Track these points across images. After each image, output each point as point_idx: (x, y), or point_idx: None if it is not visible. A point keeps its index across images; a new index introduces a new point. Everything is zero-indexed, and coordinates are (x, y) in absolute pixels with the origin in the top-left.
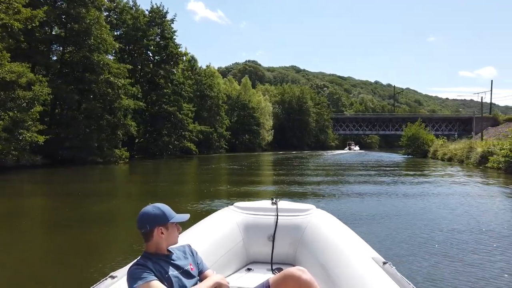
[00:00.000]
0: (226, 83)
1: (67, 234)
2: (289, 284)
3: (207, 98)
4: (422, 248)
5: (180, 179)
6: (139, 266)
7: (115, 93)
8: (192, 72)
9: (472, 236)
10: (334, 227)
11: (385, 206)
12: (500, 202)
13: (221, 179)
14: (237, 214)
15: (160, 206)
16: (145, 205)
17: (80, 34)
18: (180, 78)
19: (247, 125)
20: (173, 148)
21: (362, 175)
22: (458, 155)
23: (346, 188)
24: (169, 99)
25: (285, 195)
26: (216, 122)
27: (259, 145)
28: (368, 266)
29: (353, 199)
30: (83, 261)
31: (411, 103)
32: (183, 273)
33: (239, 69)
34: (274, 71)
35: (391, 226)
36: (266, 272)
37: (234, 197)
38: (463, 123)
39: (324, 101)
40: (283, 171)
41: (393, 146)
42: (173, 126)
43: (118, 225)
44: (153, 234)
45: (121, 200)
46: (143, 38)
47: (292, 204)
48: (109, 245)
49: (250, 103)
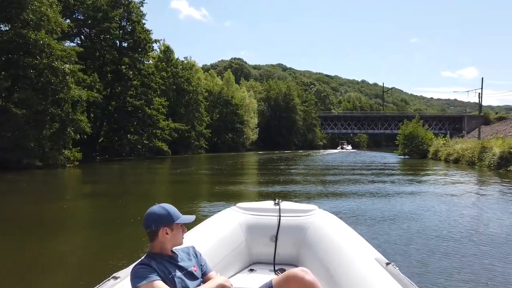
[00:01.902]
0: (207, 78)
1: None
2: (292, 285)
3: (184, 92)
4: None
5: (136, 188)
6: (143, 265)
7: (61, 81)
8: (168, 64)
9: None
10: (337, 227)
11: (389, 209)
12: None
13: (187, 188)
14: (240, 214)
15: (166, 206)
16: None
17: (12, 6)
18: (150, 68)
19: (230, 123)
20: (142, 148)
21: (362, 178)
22: (467, 156)
23: (349, 190)
24: (136, 92)
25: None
26: (194, 120)
27: (243, 145)
28: (371, 267)
29: (355, 201)
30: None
31: (398, 102)
32: (187, 275)
33: (225, 66)
34: (260, 69)
35: (399, 228)
36: (268, 273)
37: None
38: (453, 121)
39: (312, 99)
40: (269, 176)
41: (381, 146)
42: (141, 122)
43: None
44: (158, 234)
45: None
46: (104, 20)
47: (295, 205)
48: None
49: (233, 99)
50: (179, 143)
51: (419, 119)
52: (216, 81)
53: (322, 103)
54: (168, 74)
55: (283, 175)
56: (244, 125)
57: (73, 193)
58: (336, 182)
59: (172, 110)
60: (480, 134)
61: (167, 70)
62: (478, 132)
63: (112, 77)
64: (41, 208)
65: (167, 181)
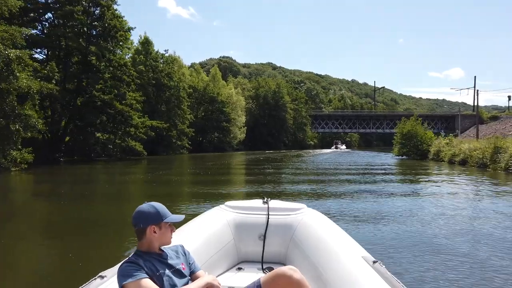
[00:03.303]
0: (192, 74)
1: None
2: (280, 283)
3: (165, 88)
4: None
5: (90, 198)
6: (130, 263)
7: (5, 69)
8: (146, 57)
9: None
10: (325, 226)
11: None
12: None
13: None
14: (228, 213)
15: (155, 204)
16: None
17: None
18: (122, 60)
19: (216, 122)
20: (114, 148)
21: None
22: (476, 157)
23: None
24: (105, 85)
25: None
26: (176, 117)
27: (229, 144)
28: (358, 265)
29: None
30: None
31: (388, 102)
32: (175, 272)
33: (213, 65)
34: (250, 67)
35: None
36: (257, 272)
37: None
38: (446, 120)
39: (302, 97)
40: (255, 183)
41: (372, 145)
42: (111, 119)
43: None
44: (146, 232)
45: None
46: (67, 2)
47: (283, 204)
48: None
49: (219, 96)
50: (158, 142)
51: (417, 117)
52: (202, 77)
53: (312, 101)
54: (147, 68)
55: (271, 183)
56: (231, 124)
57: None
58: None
59: (151, 107)
60: (478, 134)
61: (146, 64)
62: (476, 131)
63: (78, 68)
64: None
65: (125, 183)
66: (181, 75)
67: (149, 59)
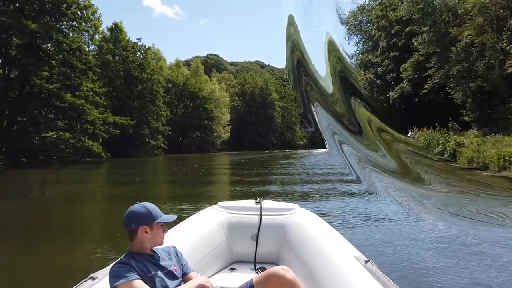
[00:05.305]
0: (172, 68)
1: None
2: (273, 283)
3: (136, 81)
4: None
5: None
6: (122, 264)
7: None
8: (115, 46)
9: None
10: (317, 226)
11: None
12: None
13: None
14: (221, 213)
15: (147, 205)
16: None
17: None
18: (75, 43)
19: (197, 119)
20: (66, 149)
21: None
22: None
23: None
24: (52, 72)
25: None
26: (149, 114)
27: (212, 144)
28: (350, 264)
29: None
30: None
31: None
32: (167, 274)
33: (200, 62)
34: (237, 65)
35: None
36: (249, 272)
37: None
38: None
39: (291, 94)
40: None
41: None
42: (60, 114)
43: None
44: (137, 233)
45: None
46: None
47: (276, 204)
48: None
49: (200, 92)
50: (129, 142)
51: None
52: (182, 71)
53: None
54: (115, 57)
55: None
56: (213, 122)
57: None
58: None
59: (122, 102)
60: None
61: (115, 53)
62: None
63: (18, 51)
64: None
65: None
66: (159, 68)
67: (118, 47)
